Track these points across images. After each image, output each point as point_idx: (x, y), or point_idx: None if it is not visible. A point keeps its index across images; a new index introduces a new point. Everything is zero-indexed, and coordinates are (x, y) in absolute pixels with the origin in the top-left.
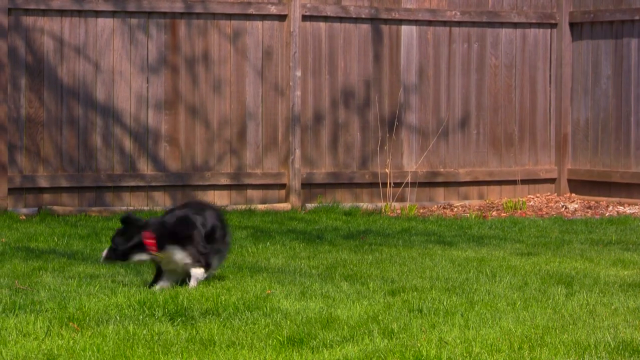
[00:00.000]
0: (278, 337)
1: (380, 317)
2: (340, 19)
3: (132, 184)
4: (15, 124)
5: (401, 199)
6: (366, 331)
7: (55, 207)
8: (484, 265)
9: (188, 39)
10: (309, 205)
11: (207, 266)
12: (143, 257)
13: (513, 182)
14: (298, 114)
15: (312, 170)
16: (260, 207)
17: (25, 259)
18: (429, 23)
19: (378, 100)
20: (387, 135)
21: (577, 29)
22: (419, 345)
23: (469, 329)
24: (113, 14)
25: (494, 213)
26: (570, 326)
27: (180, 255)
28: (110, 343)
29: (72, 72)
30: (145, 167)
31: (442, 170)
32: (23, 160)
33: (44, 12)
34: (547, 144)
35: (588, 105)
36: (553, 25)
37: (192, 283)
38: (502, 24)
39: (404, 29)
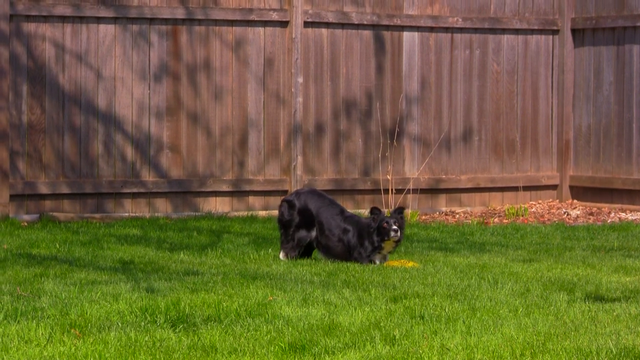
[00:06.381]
0: (280, 343)
1: (382, 324)
2: (342, 25)
3: (134, 190)
4: (16, 130)
5: (403, 206)
6: (368, 338)
7: (56, 214)
8: (486, 271)
9: (189, 45)
10: None
11: None
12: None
13: (515, 189)
14: (300, 120)
15: (314, 177)
16: (262, 213)
17: (27, 266)
18: (431, 29)
19: (380, 106)
20: (389, 141)
21: (579, 35)
22: (420, 351)
23: (470, 335)
24: (114, 20)
25: (496, 219)
26: (572, 333)
27: None
28: (112, 350)
29: (73, 78)
30: (146, 174)
31: (443, 177)
32: (25, 167)
33: (46, 19)
34: (549, 150)
35: (590, 112)
36: (555, 32)
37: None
38: (504, 30)
39: (406, 35)
